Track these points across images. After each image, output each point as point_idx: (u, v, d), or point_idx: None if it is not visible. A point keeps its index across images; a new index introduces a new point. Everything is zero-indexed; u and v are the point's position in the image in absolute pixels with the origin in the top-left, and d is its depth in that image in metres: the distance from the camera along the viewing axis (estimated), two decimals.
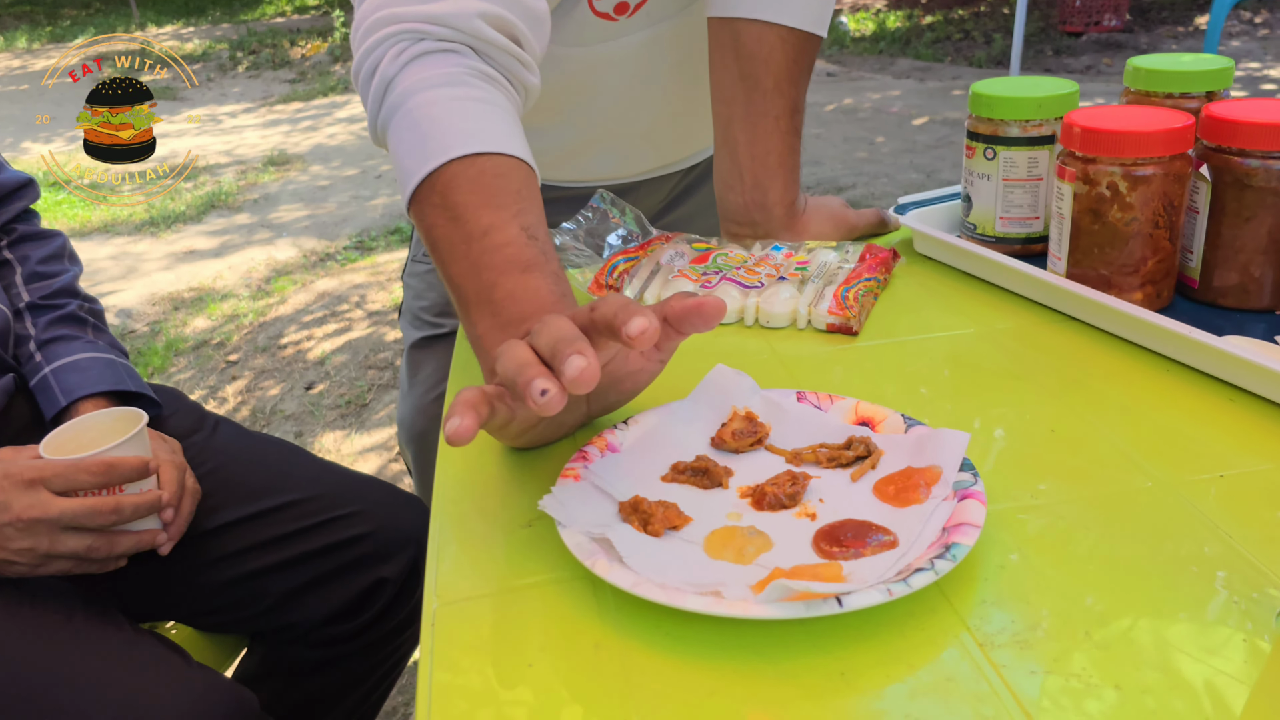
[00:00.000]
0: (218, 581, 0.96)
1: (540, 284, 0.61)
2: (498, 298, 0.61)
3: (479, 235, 0.62)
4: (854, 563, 0.48)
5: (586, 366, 0.47)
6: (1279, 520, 0.51)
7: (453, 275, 0.64)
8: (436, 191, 0.65)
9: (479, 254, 0.62)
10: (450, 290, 0.65)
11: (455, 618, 0.50)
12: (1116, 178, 0.71)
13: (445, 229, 0.64)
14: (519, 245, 0.62)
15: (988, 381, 0.68)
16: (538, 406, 0.47)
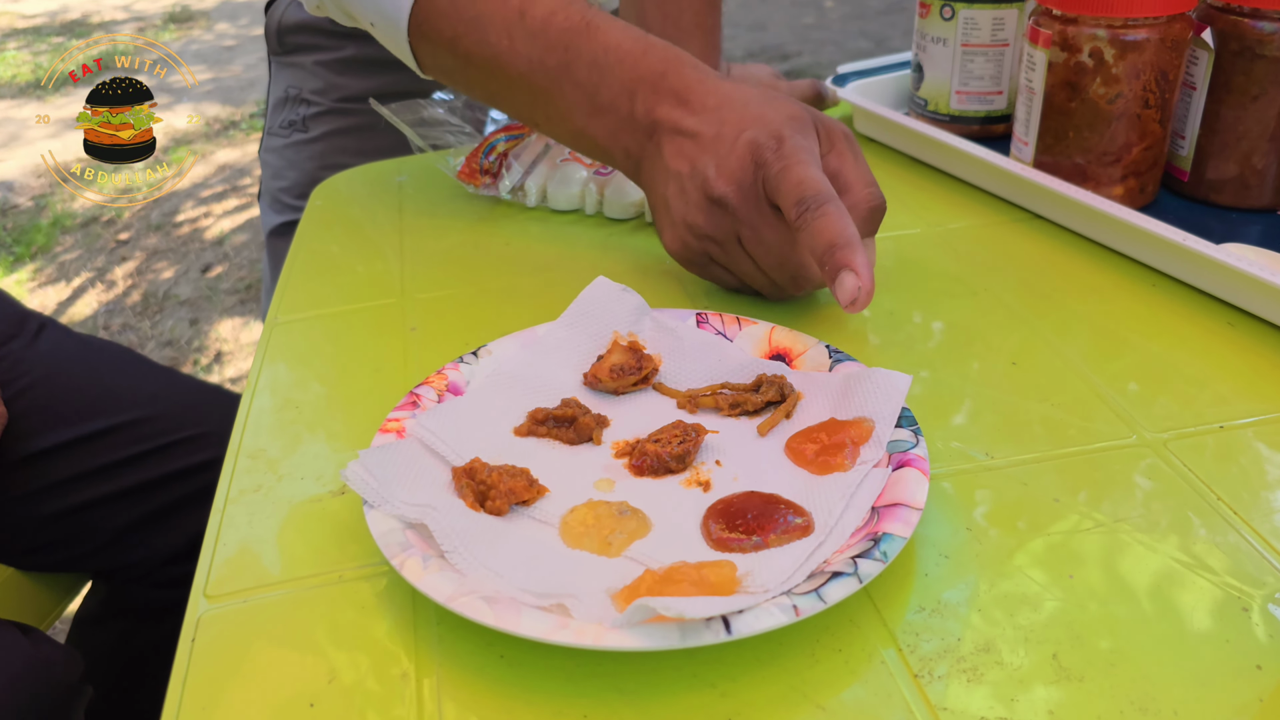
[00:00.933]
0: (39, 516, 0.82)
1: (618, 39, 0.54)
2: (581, 78, 0.54)
3: (516, 19, 0.55)
4: (754, 557, 0.36)
5: (861, 289, 0.45)
6: None
7: (511, 76, 0.56)
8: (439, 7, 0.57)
9: (526, 40, 0.55)
10: (515, 99, 0.58)
11: (223, 627, 0.37)
12: (1102, 42, 0.58)
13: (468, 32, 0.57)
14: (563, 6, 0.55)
15: (935, 297, 0.56)
16: (844, 302, 0.45)
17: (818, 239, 0.46)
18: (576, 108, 0.55)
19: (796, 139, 0.49)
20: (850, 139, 0.52)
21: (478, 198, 0.69)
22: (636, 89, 0.53)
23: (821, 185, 0.47)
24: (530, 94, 0.57)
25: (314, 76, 0.99)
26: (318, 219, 0.69)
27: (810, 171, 0.48)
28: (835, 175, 0.51)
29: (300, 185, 0.98)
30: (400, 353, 0.52)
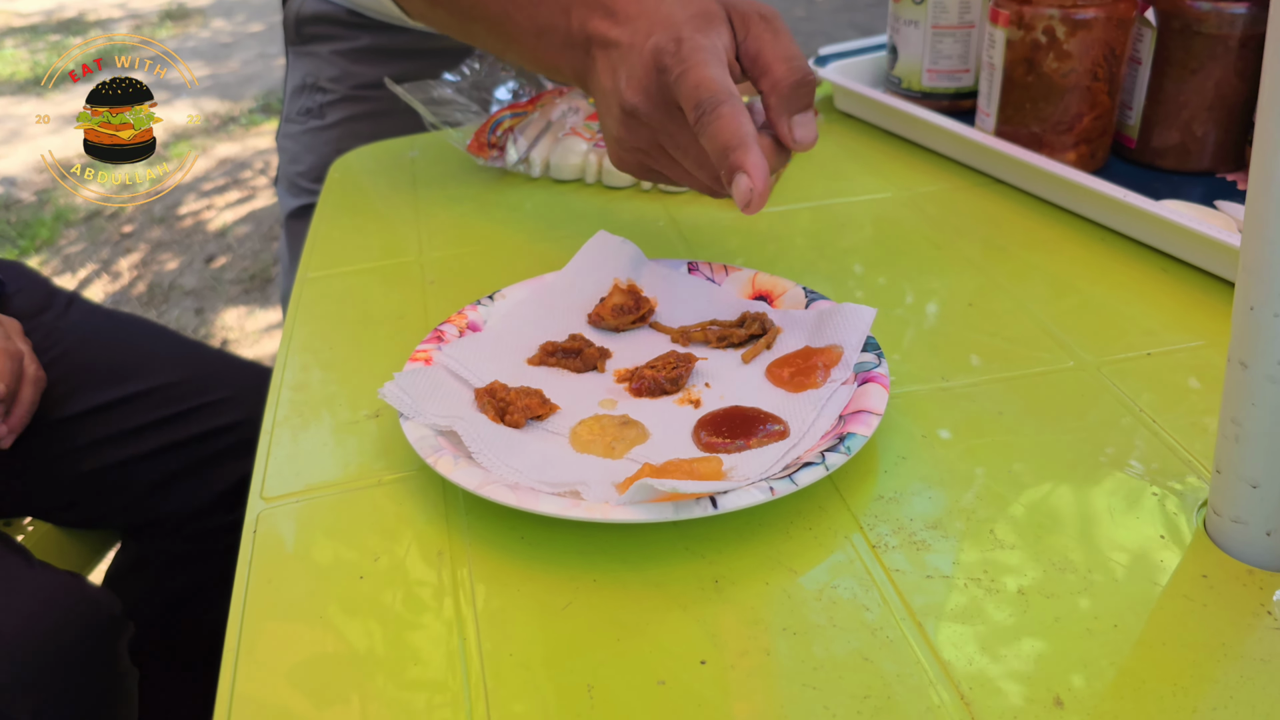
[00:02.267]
0: (74, 474, 0.87)
1: None
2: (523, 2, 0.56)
3: None
4: (737, 456, 0.42)
5: (754, 191, 0.45)
6: (1208, 404, 0.46)
7: (471, 10, 0.59)
8: None
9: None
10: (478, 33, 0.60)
11: (281, 521, 0.43)
12: (1055, 21, 0.64)
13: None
14: None
15: (904, 250, 0.62)
16: (739, 204, 0.46)
17: (714, 142, 0.46)
18: (525, 32, 0.56)
19: (696, 38, 0.48)
20: (769, 18, 0.51)
21: (486, 170, 0.75)
22: (571, 6, 0.53)
23: (716, 85, 0.46)
24: (488, 25, 0.58)
25: (330, 65, 1.04)
26: (338, 190, 0.75)
27: (707, 72, 0.47)
28: (755, 58, 0.50)
29: (316, 169, 1.04)
30: (420, 303, 0.58)
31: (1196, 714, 0.32)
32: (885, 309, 0.55)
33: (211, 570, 0.96)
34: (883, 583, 0.38)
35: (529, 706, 0.34)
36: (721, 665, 0.35)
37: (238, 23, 4.51)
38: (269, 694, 0.35)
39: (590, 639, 0.36)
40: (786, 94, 0.49)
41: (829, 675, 0.34)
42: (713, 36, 0.49)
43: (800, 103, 0.50)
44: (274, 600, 0.39)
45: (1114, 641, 0.35)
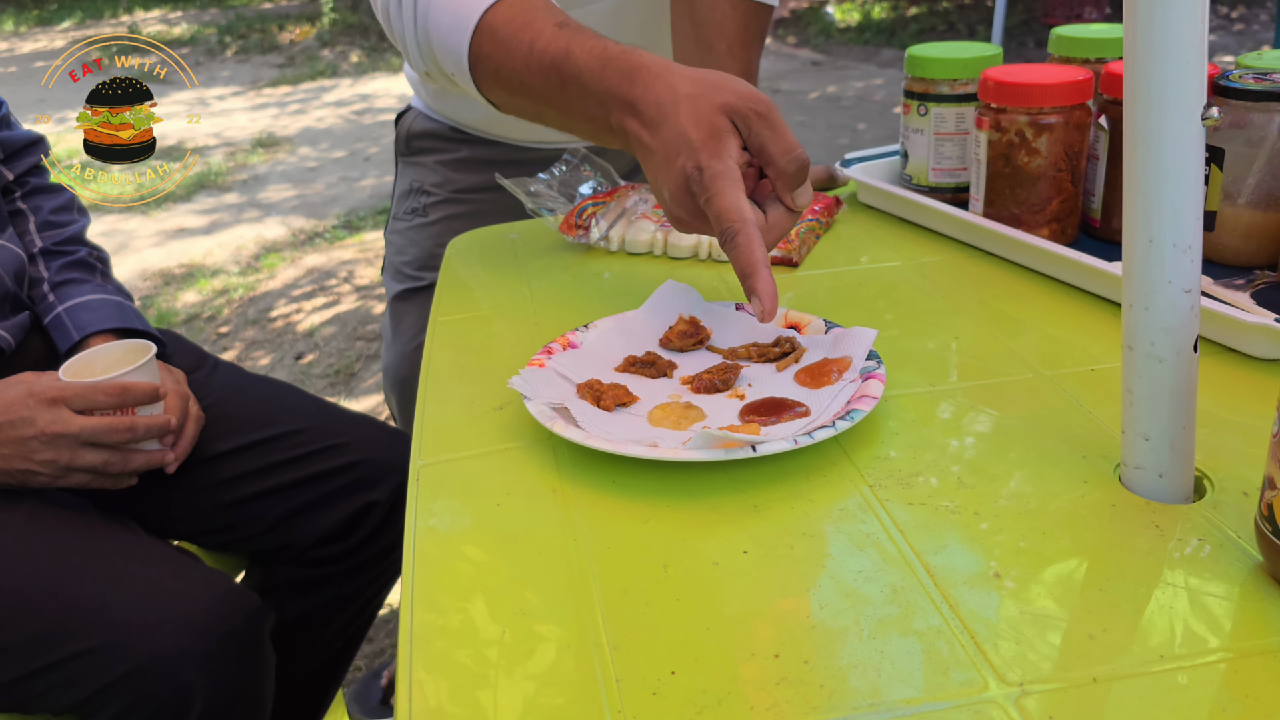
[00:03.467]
0: (218, 504, 1.04)
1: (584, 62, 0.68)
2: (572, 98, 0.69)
3: (528, 51, 0.71)
4: (771, 426, 0.57)
5: (764, 310, 0.59)
6: None
7: (536, 100, 0.72)
8: (482, 50, 0.73)
9: (534, 71, 0.71)
10: (546, 118, 0.74)
11: (436, 473, 0.59)
12: (1024, 125, 0.81)
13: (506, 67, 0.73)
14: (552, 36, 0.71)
15: (910, 304, 0.78)
16: (754, 313, 0.60)
17: (735, 264, 0.60)
18: (578, 121, 0.70)
19: (714, 166, 0.61)
20: (765, 115, 0.62)
21: (574, 245, 0.93)
22: (608, 102, 0.66)
23: (734, 215, 0.60)
24: (551, 111, 0.72)
25: (433, 173, 1.24)
26: (456, 260, 0.93)
27: (726, 201, 0.60)
28: (759, 152, 0.63)
29: (420, 260, 1.23)
30: (528, 336, 0.75)
31: (1094, 583, 0.46)
32: (889, 341, 0.71)
33: (328, 594, 1.11)
34: (876, 508, 0.52)
35: (623, 577, 0.49)
36: (759, 554, 0.50)
37: (321, 150, 4.90)
38: (438, 573, 0.51)
39: (664, 539, 0.51)
40: (788, 180, 0.64)
41: (836, 560, 0.49)
42: (725, 158, 0.61)
43: (798, 181, 0.64)
44: (437, 519, 0.55)
45: (1043, 542, 0.49)
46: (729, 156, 0.62)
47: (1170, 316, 0.50)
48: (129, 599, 0.84)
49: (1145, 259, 0.49)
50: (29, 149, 1.18)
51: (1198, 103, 0.48)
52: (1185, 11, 0.46)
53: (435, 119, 1.22)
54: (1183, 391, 0.51)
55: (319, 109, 5.81)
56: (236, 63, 7.45)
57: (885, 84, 5.61)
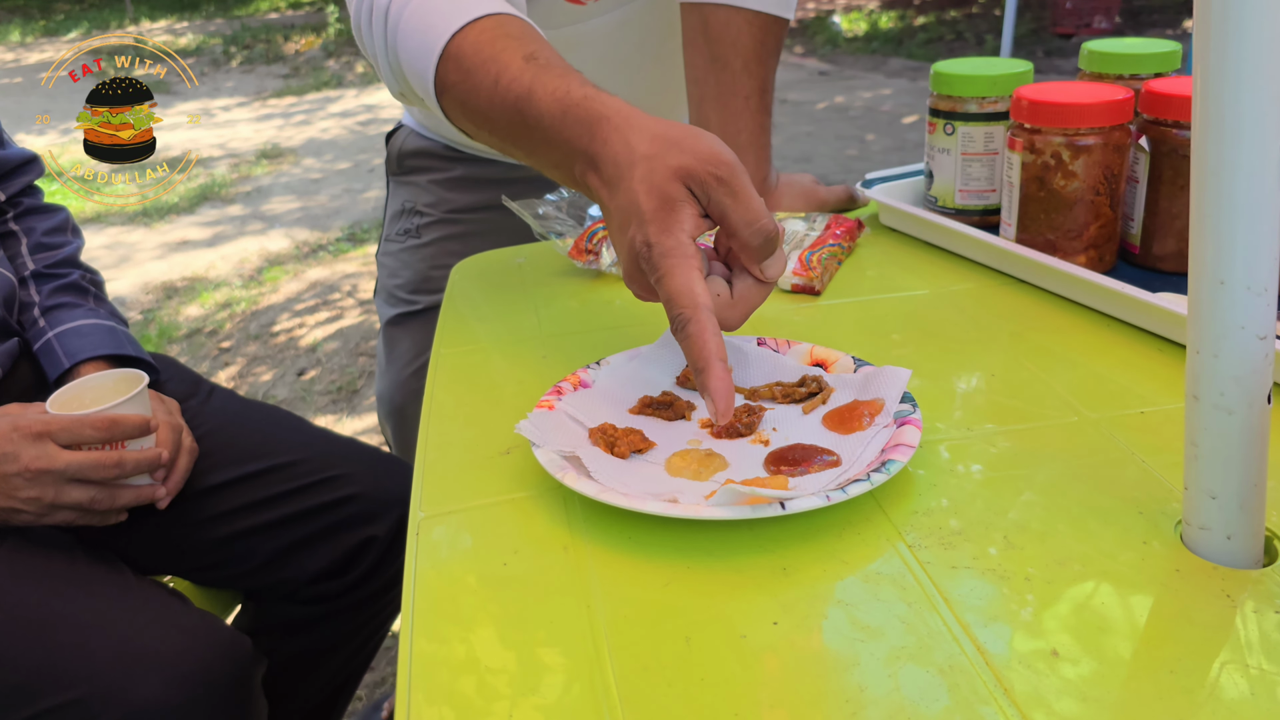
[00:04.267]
0: (212, 538, 1.00)
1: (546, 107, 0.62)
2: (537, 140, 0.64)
3: (492, 86, 0.65)
4: (799, 478, 0.53)
5: (717, 412, 0.53)
6: None
7: (500, 134, 0.67)
8: (448, 77, 0.68)
9: (498, 107, 0.65)
10: (511, 152, 0.68)
11: (438, 526, 0.54)
12: (1060, 147, 0.76)
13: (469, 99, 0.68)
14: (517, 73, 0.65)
15: (940, 336, 0.73)
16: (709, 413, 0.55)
17: (688, 356, 0.54)
18: (545, 166, 0.66)
19: (664, 242, 0.55)
20: (725, 180, 0.55)
21: (584, 271, 0.88)
22: (570, 155, 0.62)
23: (684, 300, 0.54)
24: (519, 152, 0.67)
25: (427, 192, 1.20)
26: (460, 286, 0.89)
27: (676, 284, 0.54)
28: (720, 221, 0.57)
29: (413, 283, 1.18)
30: (536, 371, 0.71)
31: (1165, 664, 0.42)
32: (922, 378, 0.66)
33: (324, 632, 1.07)
34: (917, 571, 0.48)
35: (642, 653, 0.44)
36: (790, 625, 0.45)
37: (325, 161, 4.87)
38: (439, 644, 0.46)
39: (686, 607, 0.47)
40: (753, 253, 0.57)
41: (873, 632, 0.44)
42: (676, 233, 0.55)
43: (765, 253, 0.57)
44: (437, 578, 0.50)
45: (1103, 613, 0.45)
46: (680, 230, 0.55)
47: (1242, 365, 0.45)
48: (112, 647, 0.79)
49: (1215, 302, 0.45)
50: (23, 169, 1.14)
51: (1276, 136, 0.43)
52: (1263, 29, 0.42)
53: (428, 137, 1.18)
54: (1254, 446, 0.46)
55: (324, 120, 5.79)
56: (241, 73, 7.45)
57: (893, 94, 5.58)
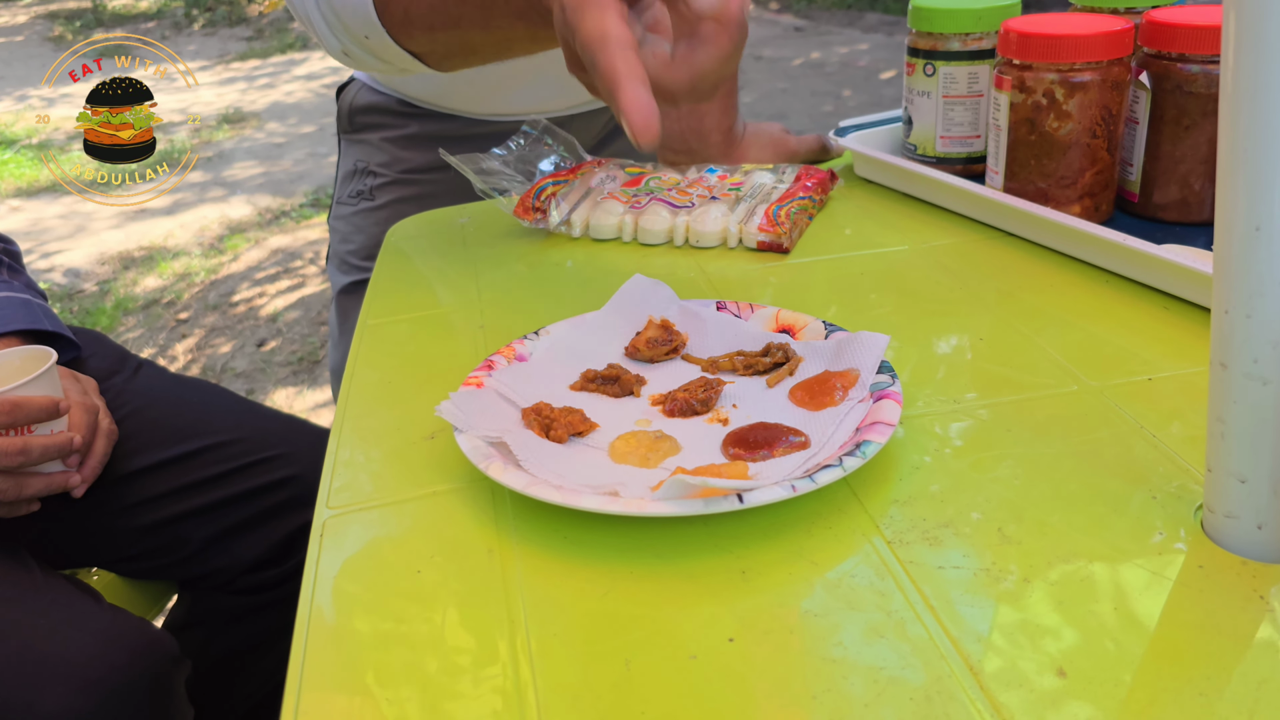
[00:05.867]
0: (138, 526, 0.92)
1: None
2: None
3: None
4: (762, 464, 0.46)
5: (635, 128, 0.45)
6: (1205, 421, 0.49)
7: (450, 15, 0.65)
8: None
9: None
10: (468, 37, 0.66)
11: (345, 527, 0.47)
12: (1053, 84, 0.69)
13: None
14: None
15: (921, 296, 0.66)
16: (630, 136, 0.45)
17: (601, 94, 0.48)
18: (504, 18, 0.62)
19: None
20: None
21: (531, 231, 0.80)
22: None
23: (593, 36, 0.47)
24: (476, 28, 0.65)
25: (380, 151, 1.12)
26: (395, 251, 0.81)
27: (586, 28, 0.47)
28: None
29: (367, 248, 1.10)
30: (471, 343, 0.63)
31: (1191, 684, 0.35)
32: (902, 344, 0.59)
33: (264, 623, 1.00)
34: (898, 572, 0.41)
35: (573, 678, 0.37)
36: (748, 642, 0.38)
37: (290, 125, 4.73)
38: (335, 669, 0.39)
39: (627, 621, 0.40)
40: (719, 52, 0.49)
41: (848, 650, 0.37)
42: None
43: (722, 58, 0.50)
44: (339, 591, 0.43)
45: (1115, 622, 0.38)
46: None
47: (1273, 332, 0.38)
48: (11, 652, 0.72)
49: (1249, 252, 0.38)
50: None
51: None
52: None
53: (381, 91, 1.10)
54: None
55: (288, 83, 5.63)
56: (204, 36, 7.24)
57: (870, 49, 5.47)
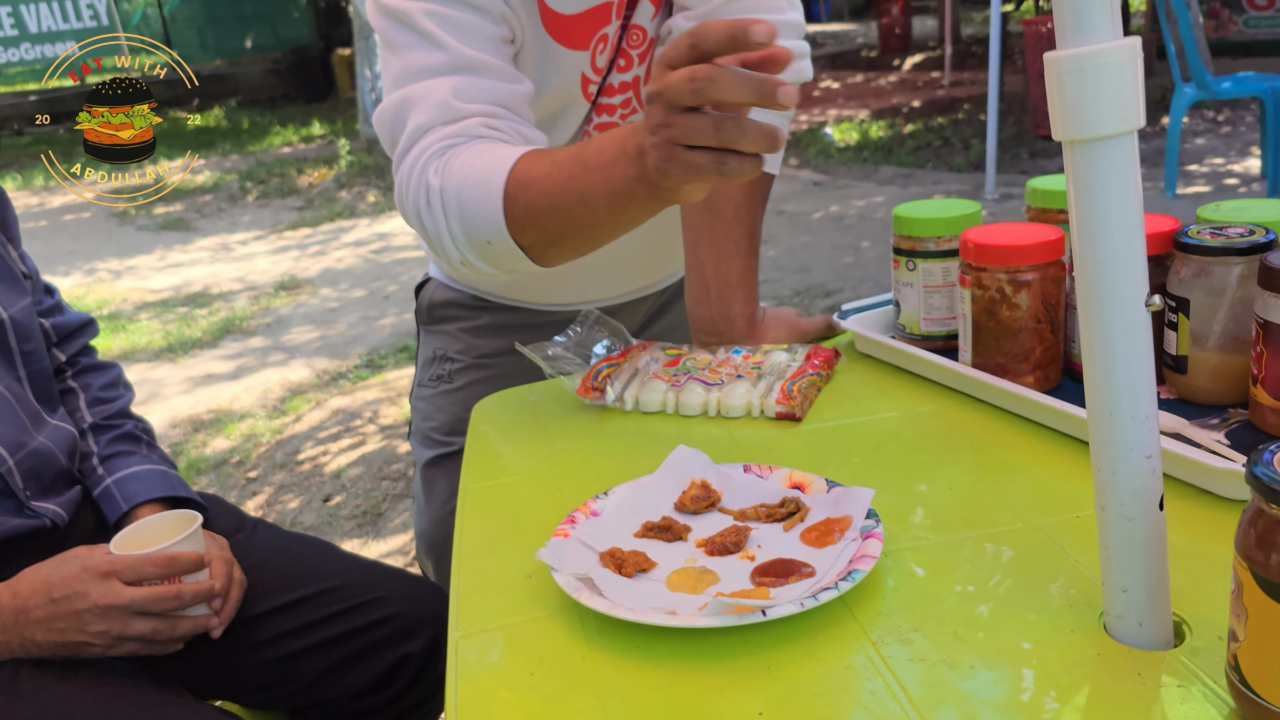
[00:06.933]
0: (261, 661, 1.08)
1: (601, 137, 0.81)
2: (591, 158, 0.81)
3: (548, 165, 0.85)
4: (780, 588, 0.62)
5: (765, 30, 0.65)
6: None
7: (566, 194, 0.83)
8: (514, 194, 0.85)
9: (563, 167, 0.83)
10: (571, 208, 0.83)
11: (473, 643, 0.64)
12: (1004, 282, 0.88)
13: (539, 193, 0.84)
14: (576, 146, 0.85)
15: (907, 454, 0.83)
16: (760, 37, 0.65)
17: (716, 40, 0.67)
18: (612, 179, 0.79)
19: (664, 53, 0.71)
20: None
21: (591, 406, 0.99)
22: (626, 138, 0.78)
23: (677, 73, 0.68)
24: (586, 198, 0.81)
25: (456, 340, 1.29)
26: (482, 423, 1.00)
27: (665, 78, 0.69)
28: None
29: (448, 425, 1.26)
30: (552, 501, 0.80)
31: None
32: (889, 493, 0.76)
33: None
34: (879, 665, 0.57)
35: None
36: (773, 714, 0.54)
37: (341, 290, 5.06)
38: None
39: (685, 705, 0.56)
40: None
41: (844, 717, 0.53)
42: None
43: None
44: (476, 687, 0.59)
45: (1034, 697, 0.53)
46: None
47: (1135, 480, 0.55)
48: None
49: (1108, 430, 0.55)
50: (80, 332, 1.27)
51: (1140, 292, 0.54)
52: (1122, 214, 0.53)
53: (456, 288, 1.29)
54: (1154, 546, 0.56)
55: (338, 249, 6.02)
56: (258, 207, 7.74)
57: (886, 201, 5.78)
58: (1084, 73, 0.52)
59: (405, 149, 0.92)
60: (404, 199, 0.92)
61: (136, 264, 6.13)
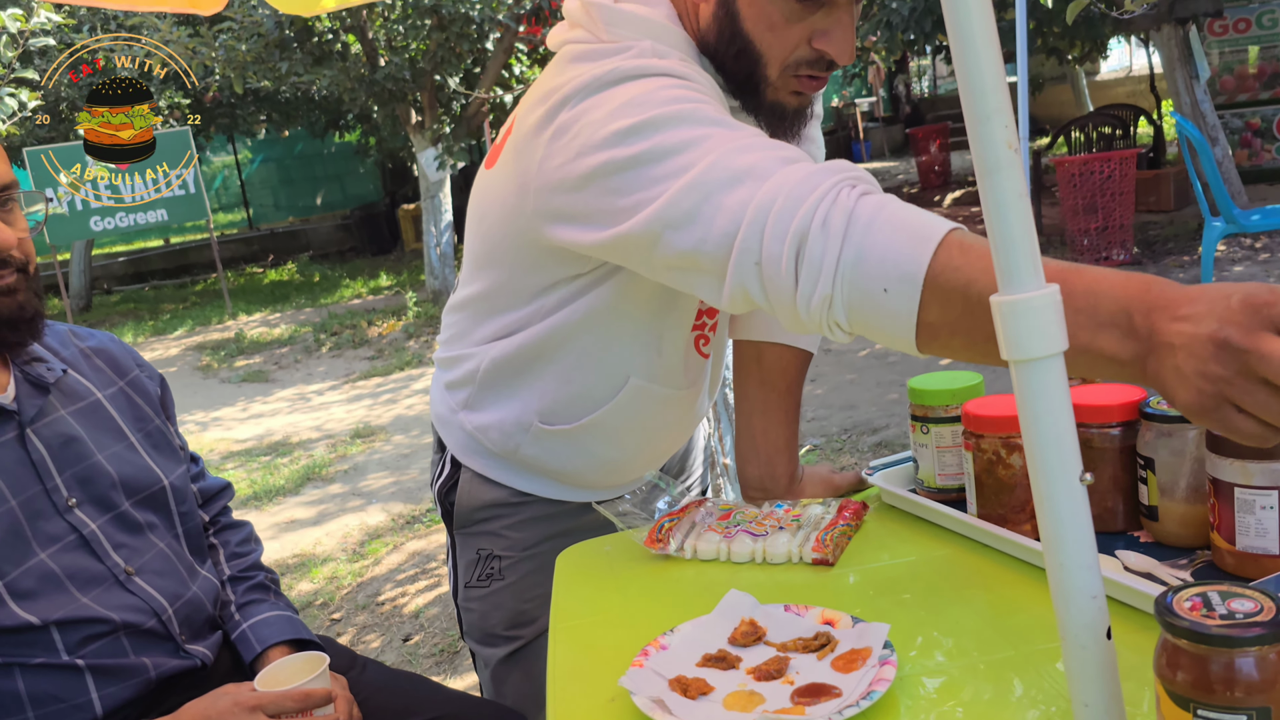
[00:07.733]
0: None
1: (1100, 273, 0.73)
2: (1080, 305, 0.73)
3: None
4: (814, 708, 0.79)
5: None
6: None
7: None
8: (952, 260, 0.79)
9: None
10: None
11: None
12: (999, 446, 1.05)
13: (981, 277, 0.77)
14: None
15: (923, 593, 0.99)
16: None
17: None
18: (1080, 328, 0.72)
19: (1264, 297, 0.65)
20: None
21: (657, 556, 1.17)
22: (1130, 307, 0.71)
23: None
24: None
25: (502, 538, 1.27)
26: (565, 572, 1.18)
27: None
28: None
29: (508, 620, 1.27)
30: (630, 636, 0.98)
31: None
32: (908, 626, 0.92)
33: None
34: None
35: None
36: None
37: (413, 436, 5.32)
38: None
39: None
40: None
41: None
42: None
43: None
44: None
45: None
46: None
47: (1084, 615, 0.71)
48: None
49: (1060, 577, 0.72)
50: (220, 494, 1.49)
51: (1075, 470, 0.71)
52: (1053, 413, 0.71)
53: (499, 483, 1.25)
54: (1106, 668, 0.72)
55: (408, 397, 6.33)
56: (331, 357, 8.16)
57: None
58: (1016, 314, 0.70)
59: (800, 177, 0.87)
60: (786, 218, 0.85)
61: (221, 415, 6.50)
